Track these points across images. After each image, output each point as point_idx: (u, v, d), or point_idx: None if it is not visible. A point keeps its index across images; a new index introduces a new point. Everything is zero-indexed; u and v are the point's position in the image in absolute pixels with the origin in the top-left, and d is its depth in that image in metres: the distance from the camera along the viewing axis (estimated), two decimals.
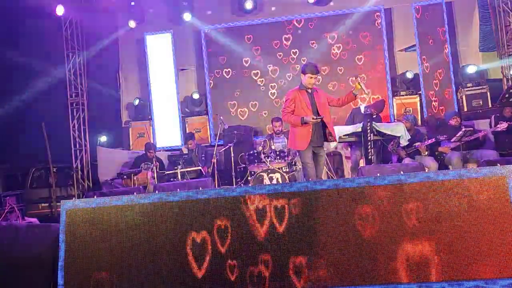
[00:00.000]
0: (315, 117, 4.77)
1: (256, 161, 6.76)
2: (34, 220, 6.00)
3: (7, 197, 6.85)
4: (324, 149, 5.21)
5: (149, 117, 9.01)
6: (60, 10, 8.47)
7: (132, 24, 8.97)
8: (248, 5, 8.76)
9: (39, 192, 8.63)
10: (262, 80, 8.96)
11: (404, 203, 2.97)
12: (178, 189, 3.10)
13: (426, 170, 5.33)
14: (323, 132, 4.98)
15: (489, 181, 2.91)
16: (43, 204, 8.52)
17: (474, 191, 2.91)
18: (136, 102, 9.08)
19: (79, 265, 3.05)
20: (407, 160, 6.36)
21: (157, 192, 3.24)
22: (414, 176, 3.01)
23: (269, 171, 6.44)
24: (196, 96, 8.95)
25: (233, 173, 7.17)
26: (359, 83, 4.79)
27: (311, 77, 4.88)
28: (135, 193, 3.23)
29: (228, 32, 9.01)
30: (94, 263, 3.04)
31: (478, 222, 2.89)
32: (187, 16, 8.90)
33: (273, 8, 9.01)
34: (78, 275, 3.04)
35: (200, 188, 3.08)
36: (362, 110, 6.88)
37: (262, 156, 6.65)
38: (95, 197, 3.15)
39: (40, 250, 3.45)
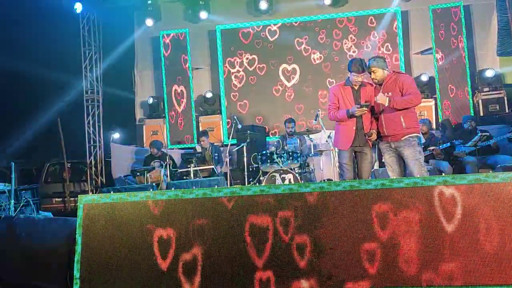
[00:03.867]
0: (359, 106, 4.40)
1: (268, 161, 6.76)
2: (49, 214, 6.09)
3: (23, 191, 6.95)
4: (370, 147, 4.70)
5: (163, 115, 9.08)
6: (78, 8, 8.62)
7: (149, 22, 9.05)
8: (263, 5, 8.77)
9: (53, 187, 8.75)
10: (278, 80, 8.96)
11: None
12: (193, 187, 3.12)
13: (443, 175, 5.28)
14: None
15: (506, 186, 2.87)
16: (57, 199, 8.64)
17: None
18: (150, 100, 9.10)
19: (95, 259, 3.09)
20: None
21: (173, 189, 3.27)
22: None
23: (281, 171, 6.44)
24: (209, 95, 8.99)
25: (246, 173, 7.18)
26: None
27: (356, 76, 4.49)
28: (150, 190, 3.27)
29: (244, 32, 9.04)
30: (110, 258, 3.08)
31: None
32: (203, 15, 8.98)
33: (288, 9, 9.00)
34: (94, 269, 3.08)
35: (216, 186, 3.11)
36: None
37: (275, 156, 6.66)
38: (111, 192, 3.18)
39: (56, 243, 3.51)
